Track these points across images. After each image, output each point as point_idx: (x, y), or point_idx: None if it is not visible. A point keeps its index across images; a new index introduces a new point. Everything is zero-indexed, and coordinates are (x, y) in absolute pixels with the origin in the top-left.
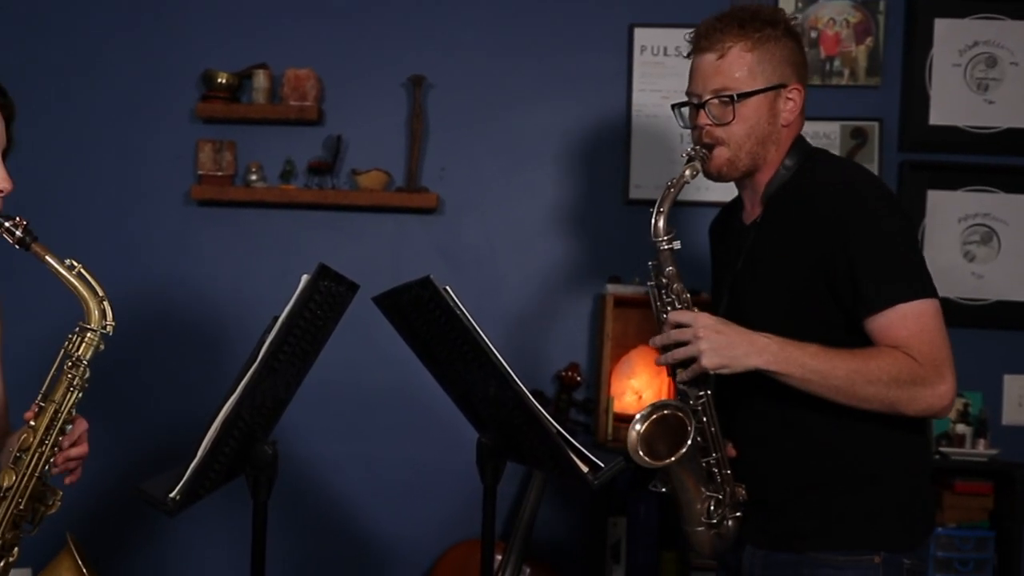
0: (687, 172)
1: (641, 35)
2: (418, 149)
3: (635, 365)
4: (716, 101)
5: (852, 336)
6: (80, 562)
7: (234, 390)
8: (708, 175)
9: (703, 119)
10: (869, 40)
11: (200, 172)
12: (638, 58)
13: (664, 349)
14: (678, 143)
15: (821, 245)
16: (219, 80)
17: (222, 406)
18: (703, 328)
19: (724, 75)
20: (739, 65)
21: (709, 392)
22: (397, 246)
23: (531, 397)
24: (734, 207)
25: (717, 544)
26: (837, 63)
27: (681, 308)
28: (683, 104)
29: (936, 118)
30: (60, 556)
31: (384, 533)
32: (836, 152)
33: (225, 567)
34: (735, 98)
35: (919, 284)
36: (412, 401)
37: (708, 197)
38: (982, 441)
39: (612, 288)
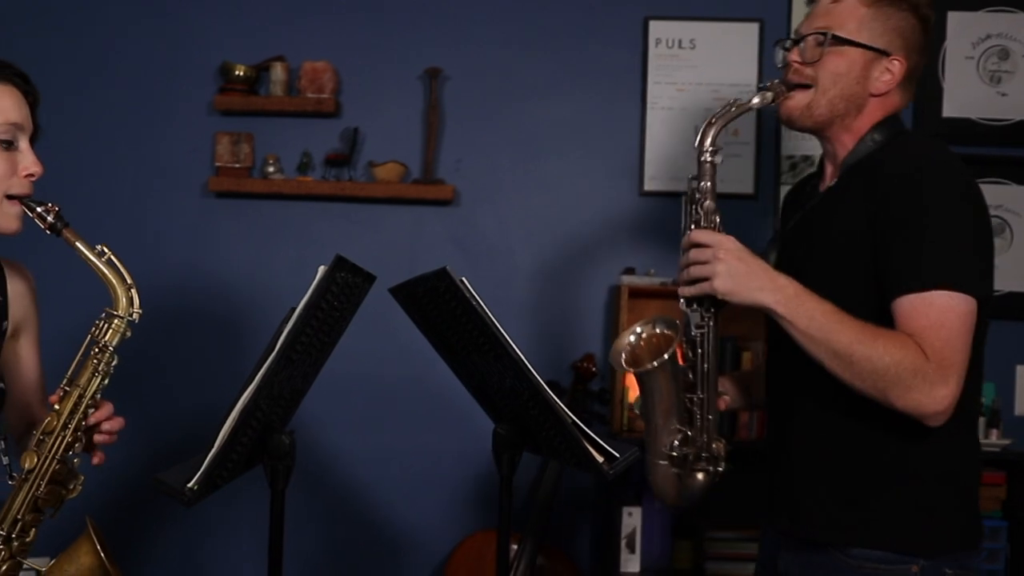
0: (756, 99)
1: (656, 28)
2: (434, 141)
3: None
4: (812, 39)
5: (883, 317)
6: (99, 546)
7: (252, 380)
8: (780, 117)
9: (794, 55)
10: None
11: (218, 164)
12: (653, 51)
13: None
14: (692, 135)
15: (877, 215)
16: (237, 72)
17: (240, 396)
18: (724, 251)
19: (831, 17)
20: (850, 14)
21: (712, 324)
22: (413, 238)
23: (547, 388)
24: (812, 179)
25: (680, 490)
26: None
27: (706, 227)
28: (786, 42)
29: (949, 110)
30: (79, 540)
31: (401, 523)
32: None
33: (243, 556)
34: (830, 37)
35: (960, 278)
36: (429, 392)
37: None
38: (995, 431)
39: (627, 279)
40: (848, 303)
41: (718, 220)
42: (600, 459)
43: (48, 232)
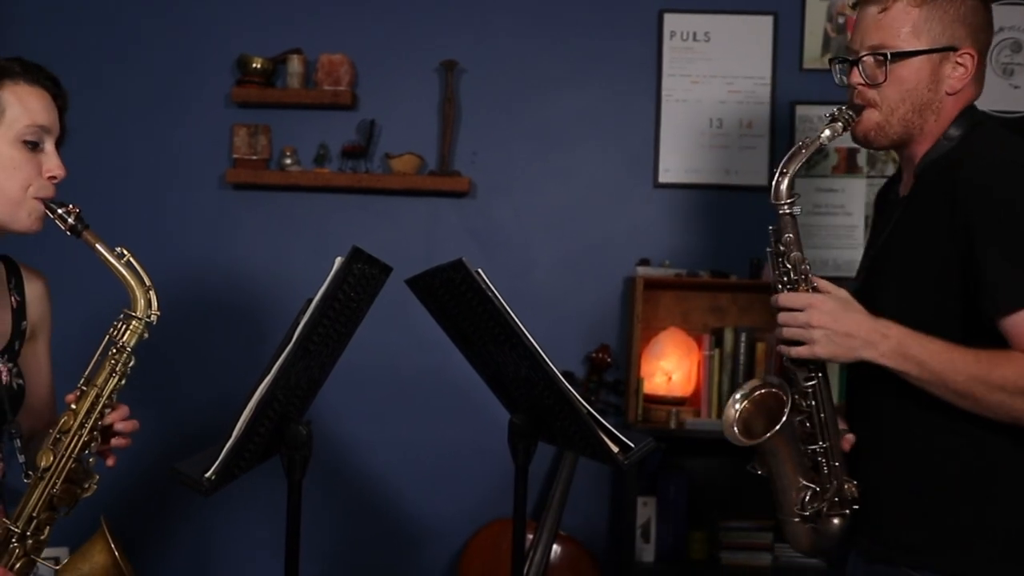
0: (826, 132)
1: (671, 20)
2: (450, 133)
3: (665, 347)
4: (871, 59)
5: (969, 330)
6: (112, 544)
7: (269, 371)
8: (855, 139)
9: (856, 77)
10: None
11: (235, 156)
12: (668, 43)
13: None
14: (707, 127)
15: (961, 226)
16: (254, 65)
17: (257, 387)
18: (818, 314)
19: (884, 31)
20: (902, 21)
21: (821, 375)
22: (430, 229)
23: (562, 378)
24: (895, 179)
25: (816, 541)
26: None
27: (795, 288)
28: (840, 60)
29: None
30: (94, 538)
31: (417, 512)
32: None
33: (260, 546)
34: (889, 56)
35: None
36: (445, 382)
37: (738, 181)
38: None
39: (642, 270)
40: (934, 318)
41: (808, 270)
42: (615, 449)
43: (68, 233)
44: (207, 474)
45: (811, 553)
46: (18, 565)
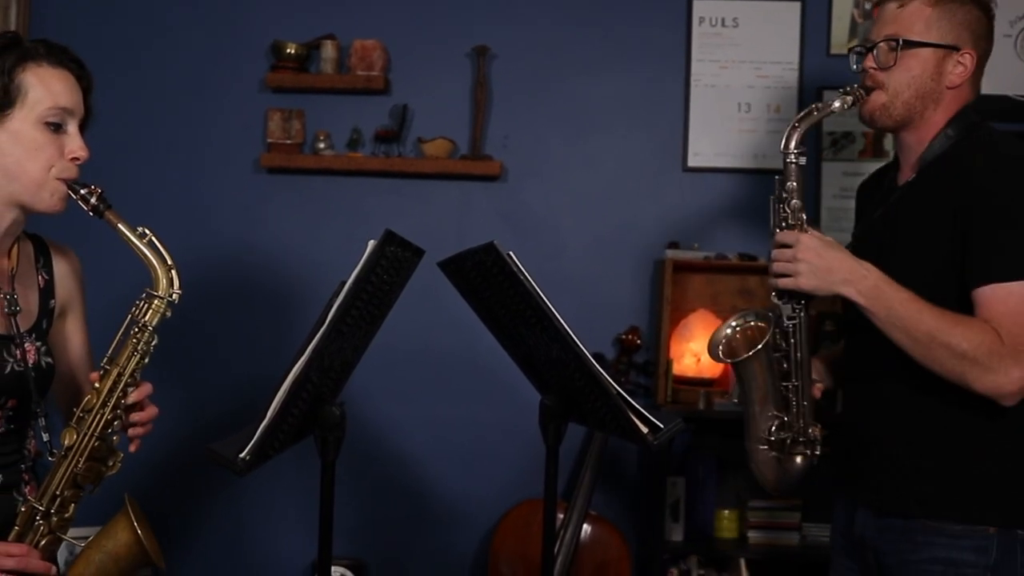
0: (837, 103)
1: (699, 7)
2: (482, 118)
3: (694, 328)
4: (884, 45)
5: (962, 309)
6: (135, 522)
7: (303, 353)
8: (861, 117)
9: (869, 61)
10: None
11: (269, 140)
12: (696, 29)
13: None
14: (736, 112)
15: (957, 208)
16: (288, 51)
17: (291, 368)
18: (804, 249)
19: (899, 23)
20: (917, 16)
21: (803, 315)
22: (461, 212)
23: (592, 360)
24: (888, 170)
25: (779, 475)
26: None
27: (790, 227)
28: (857, 48)
29: (987, 87)
30: (117, 516)
31: (449, 492)
32: None
33: (294, 525)
34: (901, 43)
35: None
36: (476, 364)
37: (766, 164)
38: None
39: (671, 253)
40: (931, 292)
41: (804, 217)
42: (644, 430)
43: (91, 214)
44: (242, 454)
45: (775, 489)
46: (44, 543)
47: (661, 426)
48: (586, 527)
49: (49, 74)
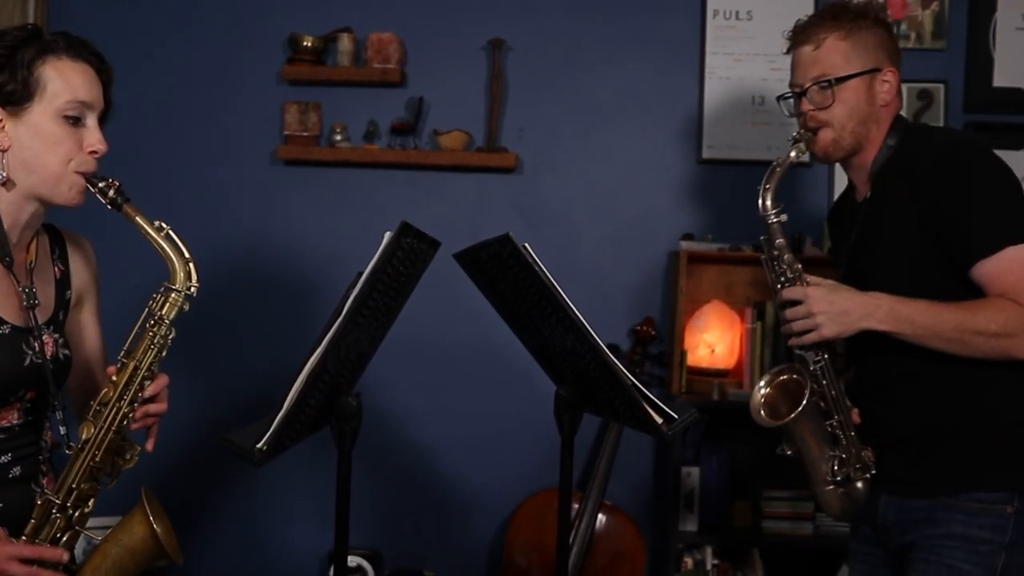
0: (792, 153)
1: (714, 0)
2: (497, 110)
3: (708, 320)
4: (816, 87)
5: (971, 293)
6: (151, 516)
7: (320, 343)
8: (815, 156)
9: (806, 105)
10: (935, 4)
11: (286, 132)
12: (711, 22)
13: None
14: (750, 105)
15: (927, 202)
16: (305, 43)
17: (308, 359)
18: (816, 301)
19: (822, 63)
20: (835, 53)
21: (826, 356)
22: (477, 204)
23: (607, 351)
24: (847, 193)
25: (846, 505)
26: (904, 27)
27: (791, 283)
28: (786, 96)
29: (1000, 80)
30: (134, 510)
31: (464, 482)
32: (903, 113)
33: (310, 515)
34: (833, 82)
35: (1020, 230)
36: (492, 355)
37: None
38: None
39: (686, 245)
40: (925, 290)
41: (800, 268)
42: (659, 420)
43: (109, 207)
44: (259, 444)
45: (842, 516)
46: (65, 537)
47: (675, 416)
48: (601, 517)
49: (68, 67)
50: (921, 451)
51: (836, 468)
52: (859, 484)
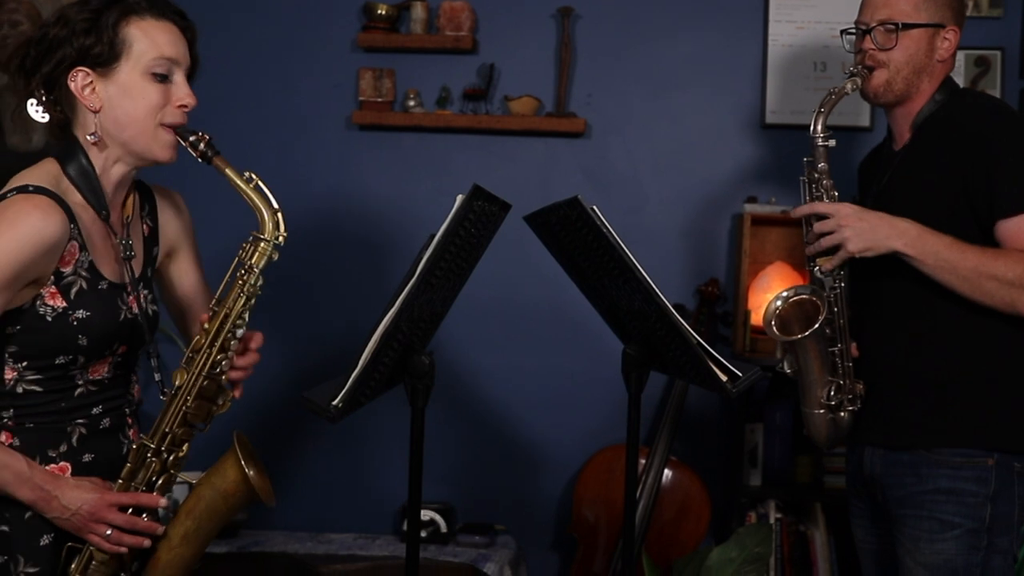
0: (848, 85)
1: None
2: (566, 77)
3: (771, 280)
4: (882, 28)
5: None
6: (243, 460)
7: (393, 303)
8: (864, 95)
9: (868, 44)
10: None
11: (361, 98)
12: None
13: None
14: (812, 71)
15: (964, 157)
16: (379, 12)
17: (382, 319)
18: (845, 216)
19: (892, 7)
20: (907, 1)
21: (843, 285)
22: (546, 168)
23: (673, 310)
24: (882, 146)
25: (831, 431)
26: None
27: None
28: (849, 31)
29: None
30: (227, 454)
31: (534, 438)
32: (960, 80)
33: (385, 469)
34: (899, 26)
35: None
36: (561, 314)
37: (840, 122)
38: None
39: (749, 208)
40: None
41: (836, 195)
42: (724, 378)
43: (200, 160)
44: (334, 402)
45: (826, 442)
46: (160, 481)
47: (740, 375)
48: (667, 472)
49: (152, 26)
50: (907, 401)
51: (832, 393)
52: (844, 414)
